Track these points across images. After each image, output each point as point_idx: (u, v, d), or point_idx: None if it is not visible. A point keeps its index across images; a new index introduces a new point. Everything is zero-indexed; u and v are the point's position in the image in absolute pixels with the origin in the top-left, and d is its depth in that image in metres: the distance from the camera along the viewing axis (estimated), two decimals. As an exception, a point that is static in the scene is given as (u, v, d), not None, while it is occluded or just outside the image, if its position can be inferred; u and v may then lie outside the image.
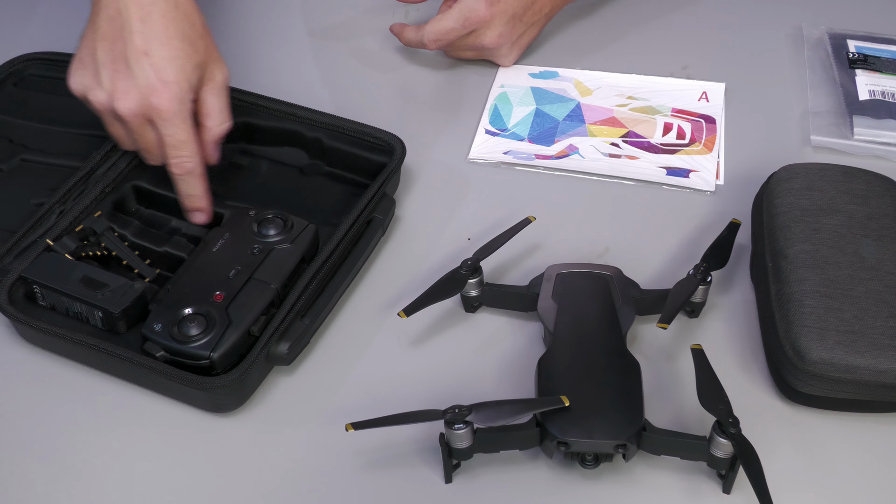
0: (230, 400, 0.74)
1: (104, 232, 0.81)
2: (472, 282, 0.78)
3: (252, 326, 0.74)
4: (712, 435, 0.67)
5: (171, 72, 0.79)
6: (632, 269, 0.80)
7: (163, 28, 0.79)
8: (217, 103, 0.83)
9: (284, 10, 1.13)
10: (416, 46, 1.02)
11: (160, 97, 0.78)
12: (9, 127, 0.94)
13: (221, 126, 0.84)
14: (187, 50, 0.80)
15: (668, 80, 1.02)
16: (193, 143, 0.81)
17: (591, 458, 0.69)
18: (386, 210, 0.85)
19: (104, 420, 0.74)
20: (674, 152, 0.94)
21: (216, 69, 0.83)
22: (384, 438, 0.71)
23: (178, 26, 0.80)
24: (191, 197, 0.83)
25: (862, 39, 1.04)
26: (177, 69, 0.79)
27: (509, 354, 0.78)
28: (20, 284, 0.78)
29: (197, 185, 0.82)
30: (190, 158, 0.81)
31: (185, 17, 0.81)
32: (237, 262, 0.78)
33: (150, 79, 0.78)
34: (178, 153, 0.80)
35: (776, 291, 0.75)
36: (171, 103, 0.78)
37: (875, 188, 0.81)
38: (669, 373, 0.76)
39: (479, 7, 0.96)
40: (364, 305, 0.82)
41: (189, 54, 0.80)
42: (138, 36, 0.78)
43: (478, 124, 0.98)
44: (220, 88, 0.84)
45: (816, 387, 0.71)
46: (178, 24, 0.80)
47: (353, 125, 0.90)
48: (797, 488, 0.69)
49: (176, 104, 0.79)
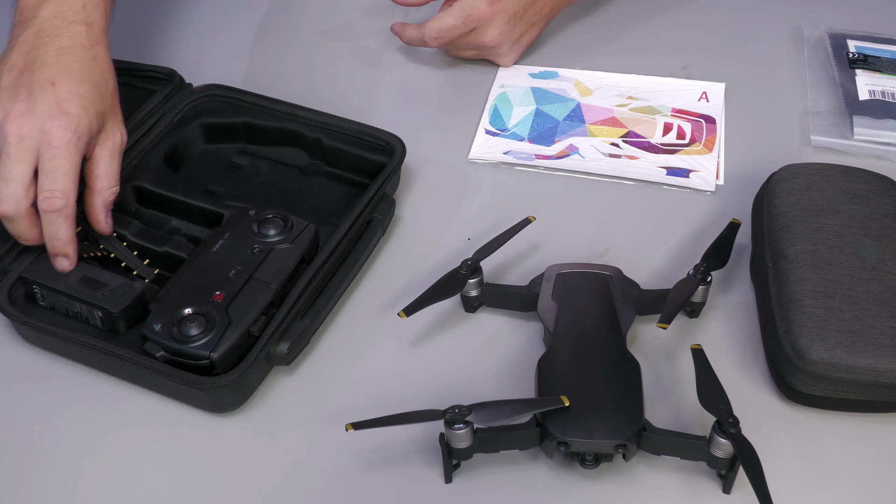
0: (230, 400, 0.74)
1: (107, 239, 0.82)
2: (472, 282, 0.78)
3: (252, 326, 0.74)
4: (712, 435, 0.67)
5: (73, 106, 0.75)
6: (632, 269, 0.80)
7: (76, 69, 0.77)
8: (110, 165, 0.79)
9: (284, 11, 1.13)
10: (417, 44, 1.02)
11: (56, 123, 0.74)
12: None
13: (111, 190, 0.79)
14: (94, 94, 0.77)
15: (668, 80, 1.02)
16: (73, 181, 0.75)
17: (591, 458, 0.69)
18: (386, 210, 0.85)
19: (104, 420, 0.74)
20: (674, 152, 0.94)
21: (117, 130, 0.80)
22: (384, 438, 0.71)
23: (91, 73, 0.78)
24: (55, 240, 0.76)
25: (862, 39, 1.04)
26: (80, 106, 0.75)
27: (509, 354, 0.78)
28: (20, 284, 0.78)
29: (64, 227, 0.75)
30: (63, 196, 0.74)
31: (100, 69, 0.80)
32: (237, 262, 0.78)
33: (51, 107, 0.74)
34: (52, 185, 0.74)
35: (776, 291, 0.75)
36: (63, 131, 0.74)
37: (875, 188, 0.81)
38: (669, 373, 0.76)
39: (481, 5, 0.97)
40: (364, 305, 0.82)
41: (95, 99, 0.77)
42: (49, 69, 0.76)
43: (478, 124, 0.98)
44: (117, 151, 0.80)
45: (816, 387, 0.71)
46: (91, 71, 0.78)
47: (353, 125, 0.90)
48: (797, 488, 0.69)
49: (70, 133, 0.74)
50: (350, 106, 0.95)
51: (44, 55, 0.77)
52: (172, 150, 0.90)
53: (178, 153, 0.91)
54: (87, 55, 0.79)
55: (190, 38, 1.08)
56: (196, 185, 0.89)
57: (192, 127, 0.92)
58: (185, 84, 0.96)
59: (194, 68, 0.99)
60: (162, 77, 0.96)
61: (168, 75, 0.95)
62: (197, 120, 0.92)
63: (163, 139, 0.90)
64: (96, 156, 0.79)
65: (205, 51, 1.06)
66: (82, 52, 0.79)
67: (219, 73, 1.00)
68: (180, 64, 0.97)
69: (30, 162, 0.74)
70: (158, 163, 0.89)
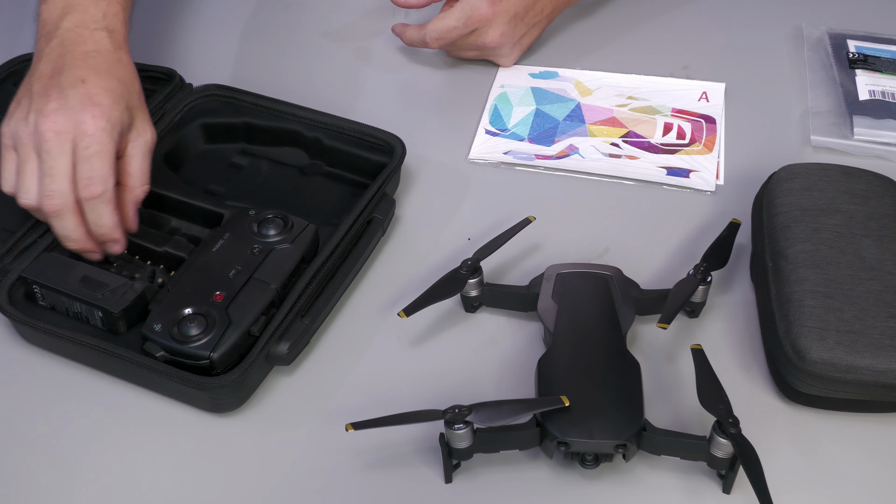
0: (230, 400, 0.74)
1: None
2: (472, 282, 0.78)
3: (252, 326, 0.74)
4: (712, 435, 0.67)
5: (104, 98, 0.76)
6: (632, 269, 0.80)
7: (105, 69, 0.79)
8: (141, 163, 0.80)
9: (284, 11, 1.13)
10: (418, 45, 1.02)
11: (89, 114, 0.75)
12: (9, 127, 0.94)
13: (142, 188, 0.80)
14: (122, 89, 0.79)
15: (668, 80, 1.02)
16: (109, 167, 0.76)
17: (591, 458, 0.69)
18: (386, 210, 0.85)
19: (104, 420, 0.74)
20: (674, 152, 0.94)
21: (147, 128, 0.81)
22: (384, 438, 0.71)
23: (118, 72, 0.80)
24: (101, 227, 0.77)
25: (862, 39, 1.04)
26: (110, 98, 0.77)
27: (509, 354, 0.78)
28: (20, 284, 0.78)
29: (107, 213, 0.76)
30: (102, 182, 0.75)
31: (125, 69, 0.81)
32: (237, 262, 0.78)
33: (83, 100, 0.75)
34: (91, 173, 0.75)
35: (776, 291, 0.75)
36: (98, 120, 0.75)
37: (875, 188, 0.81)
38: (669, 373, 0.76)
39: (482, 6, 0.97)
40: (364, 305, 0.82)
41: (123, 93, 0.79)
42: (77, 69, 0.78)
43: (478, 124, 0.98)
44: (148, 148, 0.81)
45: (816, 387, 0.71)
46: (117, 70, 0.80)
47: (353, 125, 0.90)
48: (797, 488, 0.69)
49: (103, 122, 0.75)
50: (350, 106, 0.95)
51: (71, 59, 0.78)
52: (172, 150, 0.90)
53: (178, 153, 0.91)
54: (112, 58, 0.80)
55: (190, 38, 1.08)
56: (196, 185, 0.89)
57: (192, 127, 0.92)
58: (185, 84, 0.96)
59: (194, 68, 0.99)
60: (162, 77, 0.96)
61: (168, 75, 0.96)
62: (197, 120, 0.92)
63: (163, 139, 0.90)
64: (128, 153, 0.79)
65: (205, 51, 1.07)
66: (107, 56, 0.80)
67: (219, 73, 1.00)
68: (180, 64, 0.97)
69: (69, 155, 0.75)
70: (158, 163, 0.88)
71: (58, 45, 0.79)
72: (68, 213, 0.76)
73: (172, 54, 1.04)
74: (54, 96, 0.76)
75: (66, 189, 0.75)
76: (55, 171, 0.75)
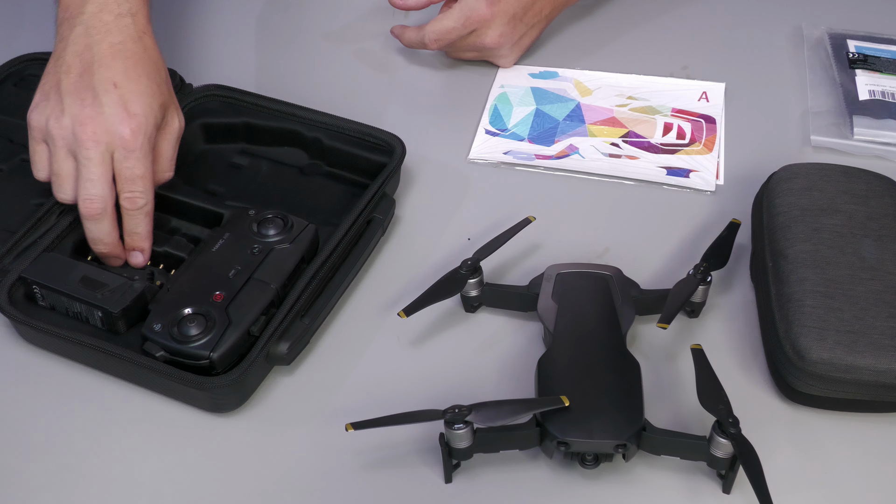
0: (230, 400, 0.74)
1: None
2: (472, 282, 0.78)
3: (252, 326, 0.74)
4: (712, 435, 0.67)
5: (138, 105, 0.78)
6: (632, 269, 0.80)
7: (132, 65, 0.80)
8: (168, 151, 0.82)
9: (284, 11, 1.13)
10: (417, 47, 1.02)
11: (127, 128, 0.77)
12: (9, 127, 0.94)
13: (165, 174, 0.83)
14: (153, 88, 0.80)
15: (668, 80, 1.02)
16: (150, 179, 0.79)
17: (591, 458, 0.69)
18: (386, 210, 0.85)
19: (104, 420, 0.74)
20: (674, 152, 0.94)
21: (174, 117, 0.83)
22: (384, 438, 0.71)
23: (146, 67, 0.81)
24: (135, 235, 0.80)
25: (862, 39, 1.04)
26: (144, 104, 0.79)
27: (509, 354, 0.78)
28: (20, 284, 0.78)
29: (144, 223, 0.80)
30: (143, 195, 0.79)
31: (152, 60, 0.82)
32: (237, 262, 0.78)
33: (118, 109, 0.77)
34: (133, 187, 0.78)
35: (776, 291, 0.75)
36: (136, 135, 0.77)
37: (875, 188, 0.81)
38: (669, 373, 0.76)
39: (480, 6, 0.97)
40: (364, 305, 0.82)
41: (154, 93, 0.80)
42: (107, 70, 0.79)
43: (478, 124, 0.98)
44: (174, 137, 0.83)
45: (816, 387, 0.71)
46: (145, 65, 0.81)
47: (353, 125, 0.90)
48: (797, 488, 0.69)
49: (141, 137, 0.78)
50: (350, 106, 0.95)
51: (100, 55, 0.79)
52: (172, 150, 0.90)
53: (178, 153, 0.91)
54: (137, 48, 0.81)
55: (190, 38, 1.08)
56: (196, 185, 0.89)
57: (192, 127, 0.92)
58: (185, 84, 0.96)
59: (194, 68, 0.99)
60: (162, 77, 0.96)
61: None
62: (197, 120, 0.92)
63: (163, 139, 0.90)
64: (157, 142, 0.82)
65: (205, 51, 1.06)
66: (133, 46, 0.81)
67: (219, 73, 1.00)
68: (180, 64, 0.97)
69: (109, 164, 0.78)
70: (158, 163, 0.89)
71: (83, 34, 0.80)
72: (106, 218, 0.78)
73: (172, 54, 1.04)
74: (89, 101, 0.78)
75: (107, 194, 0.78)
76: (95, 176, 0.77)
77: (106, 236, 0.79)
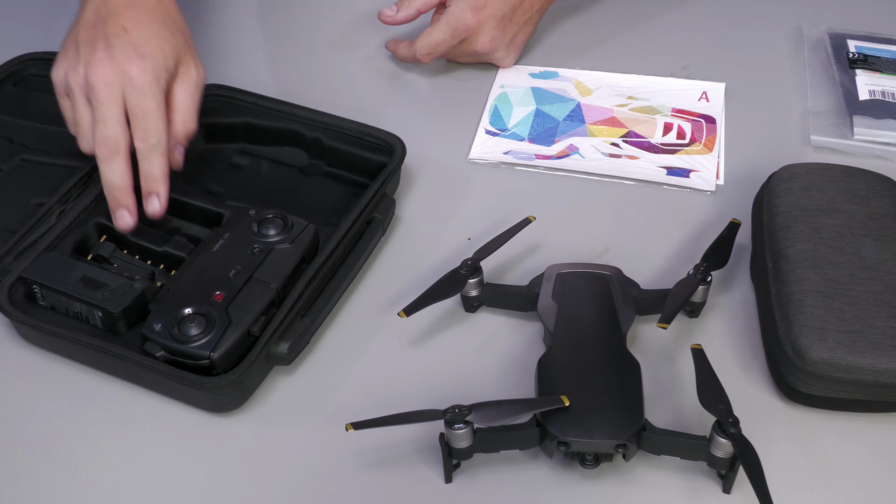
0: (230, 400, 0.74)
1: (112, 253, 0.82)
2: (472, 282, 0.78)
3: (252, 326, 0.74)
4: (712, 435, 0.67)
5: (148, 48, 0.79)
6: (632, 269, 0.80)
7: (144, 13, 0.82)
8: (187, 100, 0.83)
9: (285, 11, 1.13)
10: (411, 62, 1.02)
11: (135, 66, 0.78)
12: (9, 127, 0.94)
13: (188, 125, 0.83)
14: (166, 34, 0.82)
15: (668, 80, 1.02)
16: (162, 118, 0.79)
17: (591, 457, 0.69)
18: (386, 210, 0.85)
19: (104, 420, 0.74)
20: (674, 152, 0.94)
21: (192, 66, 0.84)
22: (384, 438, 0.71)
23: (158, 15, 0.83)
24: (150, 177, 0.80)
25: (862, 39, 1.04)
26: (154, 47, 0.80)
27: (509, 354, 0.78)
28: (20, 284, 0.78)
29: (159, 163, 0.80)
30: (156, 132, 0.79)
31: (166, 10, 0.84)
32: (237, 262, 0.78)
33: (128, 51, 0.79)
34: (144, 124, 0.78)
35: (776, 291, 0.75)
36: (144, 73, 0.78)
37: (875, 188, 0.81)
38: (669, 373, 0.76)
39: (466, 16, 0.96)
40: (364, 305, 0.82)
41: (167, 38, 0.81)
42: (120, 18, 0.81)
43: (478, 124, 0.98)
44: (192, 86, 0.83)
45: (816, 387, 0.71)
46: (158, 13, 0.83)
47: (353, 125, 0.90)
48: (797, 488, 0.69)
49: (149, 75, 0.79)
50: (350, 106, 0.95)
51: (115, 7, 0.82)
52: (172, 149, 0.90)
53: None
54: (153, 3, 0.83)
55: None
56: (196, 185, 0.89)
57: (192, 127, 0.92)
58: (186, 84, 0.96)
59: (194, 68, 0.99)
60: (162, 77, 0.96)
61: (168, 75, 0.96)
62: (197, 120, 0.92)
63: (163, 139, 0.90)
64: (173, 91, 0.82)
65: (205, 51, 1.06)
66: (149, 2, 0.83)
67: (219, 73, 1.00)
68: (180, 64, 0.97)
69: (120, 104, 0.79)
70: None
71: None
72: (119, 159, 0.79)
73: (172, 54, 1.05)
74: (100, 46, 0.79)
75: (119, 135, 0.79)
76: (107, 118, 0.78)
77: (118, 178, 0.79)
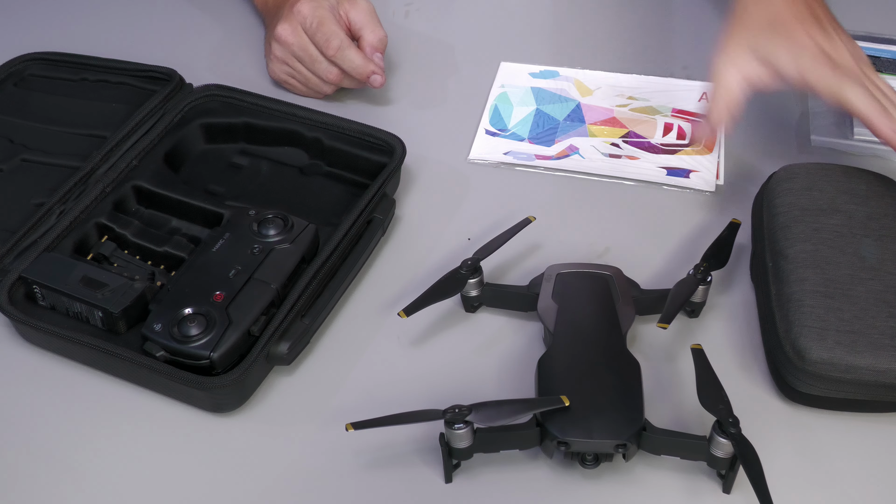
0: (230, 400, 0.74)
1: (113, 253, 0.82)
2: (472, 282, 0.78)
3: (252, 326, 0.74)
4: (712, 435, 0.67)
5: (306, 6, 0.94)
6: (632, 269, 0.80)
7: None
8: (363, 18, 0.96)
9: (284, 11, 1.12)
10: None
11: (297, 8, 0.94)
12: (9, 127, 0.94)
13: (374, 34, 0.95)
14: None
15: (668, 80, 1.02)
16: (343, 35, 0.94)
17: (591, 457, 0.69)
18: (386, 210, 0.85)
19: (104, 420, 0.74)
20: (674, 152, 0.94)
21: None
22: (384, 438, 0.71)
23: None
24: (356, 68, 0.94)
25: (862, 39, 1.04)
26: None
27: (509, 354, 0.78)
28: (20, 284, 0.78)
29: (351, 54, 0.94)
30: (338, 40, 0.93)
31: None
32: (237, 262, 0.78)
33: (291, 4, 0.94)
34: (327, 42, 0.93)
35: (776, 291, 0.75)
36: (304, 7, 0.94)
37: (875, 188, 0.81)
38: (669, 373, 0.76)
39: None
40: (364, 305, 0.82)
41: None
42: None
43: (478, 124, 0.98)
44: (363, 9, 0.96)
45: (816, 387, 0.71)
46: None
47: (353, 125, 0.90)
48: (797, 488, 0.69)
49: (307, 8, 0.94)
50: (350, 106, 0.95)
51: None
52: (172, 150, 0.90)
53: (178, 153, 0.91)
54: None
55: (190, 38, 1.08)
56: (196, 185, 0.89)
57: (192, 127, 0.92)
58: (185, 84, 0.96)
59: (194, 68, 0.99)
60: (162, 77, 0.96)
61: (168, 75, 0.96)
62: (197, 120, 0.92)
63: (163, 139, 0.90)
64: (351, 18, 0.96)
65: (205, 51, 1.06)
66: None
67: (219, 73, 1.00)
68: (180, 64, 0.97)
69: (304, 35, 0.95)
70: (158, 163, 0.89)
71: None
72: (319, 64, 0.95)
73: (172, 54, 1.04)
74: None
75: (343, 36, 0.94)
76: (332, 32, 0.94)
77: (325, 74, 0.96)
